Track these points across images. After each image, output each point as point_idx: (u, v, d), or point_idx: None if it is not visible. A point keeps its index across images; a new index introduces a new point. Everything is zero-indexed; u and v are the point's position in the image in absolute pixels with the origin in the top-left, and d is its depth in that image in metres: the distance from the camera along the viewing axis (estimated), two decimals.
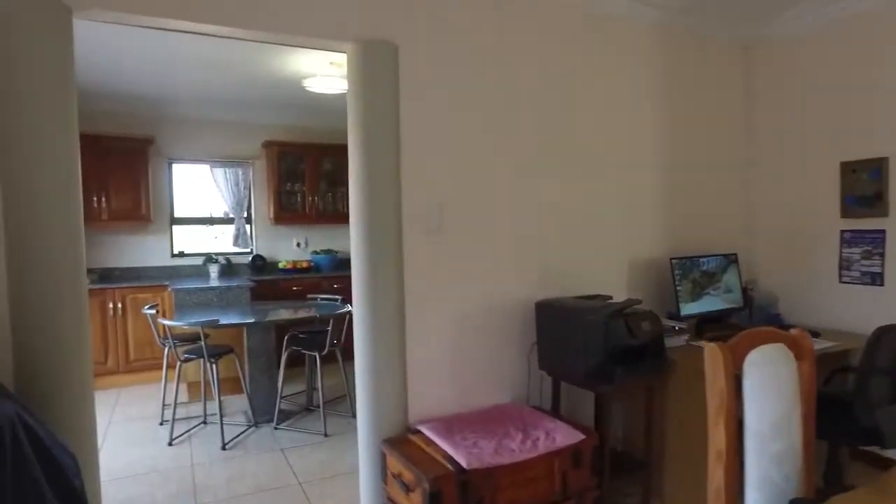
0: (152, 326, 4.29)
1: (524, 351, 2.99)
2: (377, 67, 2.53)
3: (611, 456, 2.72)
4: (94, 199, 5.52)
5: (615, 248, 3.31)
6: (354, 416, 3.88)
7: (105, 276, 5.81)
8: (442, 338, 2.79)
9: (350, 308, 4.49)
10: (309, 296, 5.23)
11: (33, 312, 1.96)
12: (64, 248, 2.02)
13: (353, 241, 2.63)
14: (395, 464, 2.42)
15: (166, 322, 3.90)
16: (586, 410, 3.05)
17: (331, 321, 4.13)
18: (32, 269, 1.96)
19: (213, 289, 5.07)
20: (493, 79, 2.87)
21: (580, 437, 2.42)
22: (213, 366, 3.98)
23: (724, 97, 3.79)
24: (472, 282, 2.85)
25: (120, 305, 5.39)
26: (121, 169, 5.64)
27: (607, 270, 3.28)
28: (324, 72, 4.79)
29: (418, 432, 2.55)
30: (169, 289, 5.08)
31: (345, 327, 4.35)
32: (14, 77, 1.91)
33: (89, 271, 5.71)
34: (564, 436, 2.42)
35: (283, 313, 4.61)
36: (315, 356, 4.20)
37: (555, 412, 2.90)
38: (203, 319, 3.88)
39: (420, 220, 2.69)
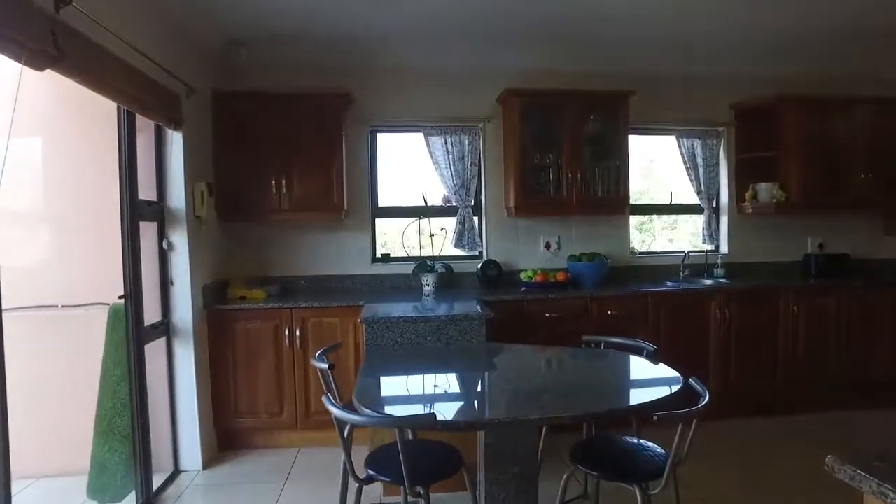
0: (324, 393, 2.39)
1: None
2: None
3: None
4: (274, 183, 3.90)
5: None
6: None
7: (288, 288, 4.19)
8: None
9: (696, 385, 2.13)
10: (584, 336, 2.93)
11: None
12: None
13: None
14: None
15: (337, 412, 1.86)
16: None
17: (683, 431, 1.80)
18: None
19: (425, 321, 3.04)
20: None
21: None
22: (423, 499, 1.90)
23: None
24: None
25: (298, 332, 3.69)
26: (307, 140, 3.94)
27: None
28: None
29: None
30: (360, 318, 3.17)
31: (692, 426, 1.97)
32: None
33: (268, 282, 4.13)
34: None
35: (542, 375, 2.45)
36: (635, 491, 1.89)
37: None
38: (404, 415, 1.83)
39: None
